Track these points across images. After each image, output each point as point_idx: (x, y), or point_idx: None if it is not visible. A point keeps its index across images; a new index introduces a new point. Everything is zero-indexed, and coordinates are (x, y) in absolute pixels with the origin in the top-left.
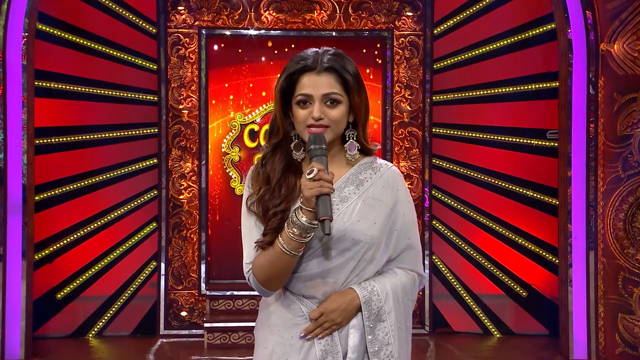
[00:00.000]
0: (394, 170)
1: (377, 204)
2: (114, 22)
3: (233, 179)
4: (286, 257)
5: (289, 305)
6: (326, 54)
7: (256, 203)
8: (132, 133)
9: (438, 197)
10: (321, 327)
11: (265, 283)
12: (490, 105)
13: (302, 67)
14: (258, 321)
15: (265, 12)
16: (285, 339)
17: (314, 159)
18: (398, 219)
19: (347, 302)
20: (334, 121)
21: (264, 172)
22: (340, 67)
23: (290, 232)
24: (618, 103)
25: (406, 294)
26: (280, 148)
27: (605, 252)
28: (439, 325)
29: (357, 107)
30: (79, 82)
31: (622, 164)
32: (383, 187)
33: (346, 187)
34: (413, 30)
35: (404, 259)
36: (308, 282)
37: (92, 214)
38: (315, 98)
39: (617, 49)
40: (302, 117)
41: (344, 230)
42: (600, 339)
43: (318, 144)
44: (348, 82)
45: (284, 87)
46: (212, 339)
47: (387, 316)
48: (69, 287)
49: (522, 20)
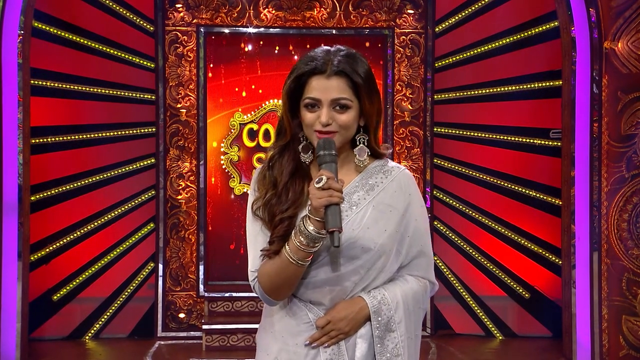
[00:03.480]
0: (406, 173)
1: (388, 210)
2: (111, 19)
3: (232, 179)
4: (293, 267)
5: (295, 311)
6: (337, 55)
7: (262, 208)
8: (129, 132)
9: (439, 198)
10: (327, 336)
11: (271, 293)
12: (493, 104)
13: (312, 70)
14: (261, 326)
15: (265, 10)
16: (290, 346)
17: (323, 166)
18: (410, 224)
19: (355, 311)
20: (343, 127)
21: (270, 175)
22: (351, 70)
23: (297, 241)
24: (622, 102)
25: (417, 302)
26: (288, 150)
27: (609, 253)
28: (440, 327)
29: (367, 112)
30: (76, 80)
31: (626, 164)
32: (394, 191)
33: (356, 192)
34: (414, 28)
35: (416, 266)
36: (316, 288)
37: (89, 214)
38: (324, 103)
39: (621, 47)
40: (310, 120)
41: (354, 238)
42: (604, 341)
43: (328, 149)
44: (359, 86)
45: (292, 89)
46: (210, 341)
47: (396, 326)
48: (65, 288)
49: (525, 18)
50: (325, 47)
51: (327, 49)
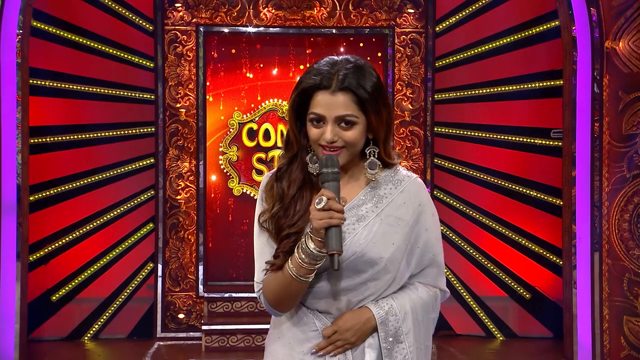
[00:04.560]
0: (417, 182)
1: (397, 223)
2: (110, 19)
3: (231, 179)
4: (295, 283)
5: (302, 319)
6: (343, 68)
7: (269, 221)
8: (128, 132)
9: (440, 198)
10: (333, 345)
11: (275, 305)
12: (493, 103)
13: (317, 84)
14: (270, 333)
15: (264, 9)
16: (296, 352)
17: (324, 185)
18: (421, 236)
19: (362, 322)
20: (349, 143)
21: (278, 187)
22: (356, 86)
23: (299, 258)
24: (623, 101)
25: (426, 312)
26: (296, 161)
27: (610, 254)
28: (441, 328)
29: (374, 127)
30: (75, 80)
31: (627, 164)
32: (403, 203)
33: (364, 204)
34: (414, 28)
35: (426, 274)
36: (322, 298)
37: (88, 214)
38: (329, 119)
39: (622, 47)
40: (315, 136)
41: (360, 252)
42: (605, 341)
43: (330, 167)
44: (365, 101)
45: (298, 102)
46: (210, 341)
47: (405, 337)
48: (64, 289)
49: (526, 18)
50: (333, 59)
51: (335, 61)
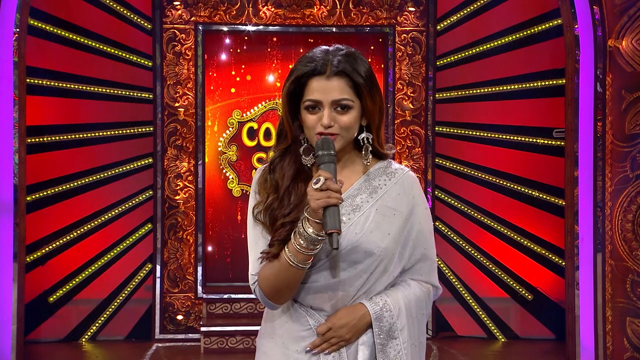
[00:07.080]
0: (410, 175)
1: (392, 213)
2: (108, 17)
3: (230, 180)
4: (292, 270)
5: (296, 316)
6: (336, 55)
7: (263, 212)
8: (126, 132)
9: (441, 198)
10: (328, 343)
11: (271, 296)
12: (495, 103)
13: (311, 71)
14: (261, 331)
15: (264, 8)
16: (291, 351)
17: (321, 167)
18: (414, 228)
19: (357, 318)
20: (345, 128)
21: (272, 178)
22: (351, 70)
23: (296, 243)
24: (626, 101)
25: (420, 308)
26: (289, 153)
27: (613, 254)
28: (442, 329)
29: (369, 111)
30: (72, 79)
31: (630, 164)
32: (398, 194)
33: (359, 195)
34: (415, 26)
35: (419, 270)
36: (317, 293)
37: (86, 215)
38: (325, 104)
39: (625, 45)
40: (311, 123)
41: (356, 242)
42: (607, 343)
43: (326, 149)
44: (360, 86)
45: (292, 91)
46: (208, 343)
47: (399, 333)
48: (61, 290)
49: (528, 16)
50: (324, 47)
51: (326, 49)
